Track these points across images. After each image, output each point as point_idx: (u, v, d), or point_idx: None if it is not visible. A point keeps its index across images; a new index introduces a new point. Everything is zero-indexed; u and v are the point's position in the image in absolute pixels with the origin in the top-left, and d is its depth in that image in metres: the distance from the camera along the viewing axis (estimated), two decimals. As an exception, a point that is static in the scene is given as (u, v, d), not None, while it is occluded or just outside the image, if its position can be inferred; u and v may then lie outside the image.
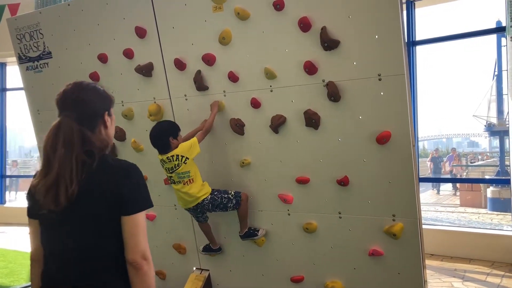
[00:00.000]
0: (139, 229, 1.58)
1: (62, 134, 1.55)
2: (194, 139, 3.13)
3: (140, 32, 3.45)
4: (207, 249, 3.58)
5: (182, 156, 3.07)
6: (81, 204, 1.54)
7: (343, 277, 3.15)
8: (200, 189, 3.19)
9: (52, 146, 1.54)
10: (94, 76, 3.79)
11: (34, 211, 1.64)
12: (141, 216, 1.59)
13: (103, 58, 3.70)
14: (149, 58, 3.49)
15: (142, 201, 1.62)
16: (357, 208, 2.98)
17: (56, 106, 1.65)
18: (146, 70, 3.50)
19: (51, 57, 4.01)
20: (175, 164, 3.09)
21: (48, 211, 1.52)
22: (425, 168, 16.23)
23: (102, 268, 1.58)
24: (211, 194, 3.22)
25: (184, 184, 3.14)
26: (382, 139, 2.76)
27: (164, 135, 3.12)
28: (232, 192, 3.27)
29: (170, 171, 3.12)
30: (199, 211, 3.29)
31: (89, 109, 1.64)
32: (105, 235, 1.58)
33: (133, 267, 1.57)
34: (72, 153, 1.54)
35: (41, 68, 4.09)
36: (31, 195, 1.64)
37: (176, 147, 3.10)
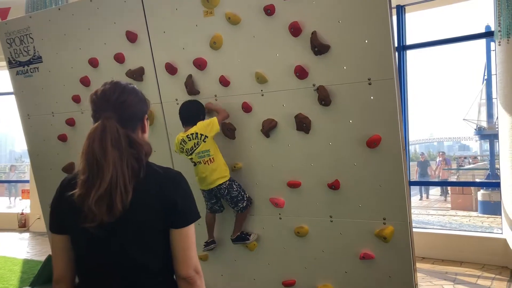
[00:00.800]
0: (190, 242, 1.48)
1: (109, 135, 1.41)
2: (214, 118, 3.15)
3: (131, 37, 3.45)
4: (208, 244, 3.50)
5: (202, 135, 3.09)
6: (130, 216, 1.41)
7: (334, 280, 3.16)
8: (223, 169, 3.18)
9: (102, 149, 1.39)
10: (85, 81, 3.78)
11: (65, 225, 1.49)
12: (192, 229, 1.50)
13: (94, 63, 3.70)
14: (140, 62, 3.49)
15: (193, 213, 1.52)
16: (348, 211, 2.99)
17: (92, 106, 1.51)
18: (137, 75, 3.50)
19: (42, 62, 3.99)
20: (194, 143, 3.11)
21: (98, 223, 1.38)
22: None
23: (150, 284, 1.48)
24: (229, 180, 3.21)
25: (205, 163, 3.13)
26: (373, 143, 2.78)
27: (199, 114, 3.20)
28: (247, 195, 3.28)
29: (190, 152, 3.14)
30: (214, 195, 3.27)
31: (130, 111, 1.51)
32: (153, 249, 1.47)
33: (187, 282, 1.47)
34: (123, 157, 1.41)
35: (31, 72, 4.08)
36: (64, 207, 1.49)
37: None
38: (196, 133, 3.11)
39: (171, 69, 3.35)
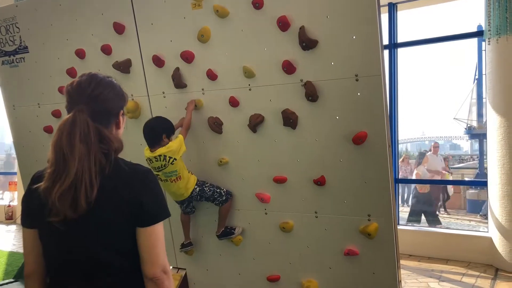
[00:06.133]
0: (158, 241, 1.45)
1: (78, 129, 1.38)
2: (181, 137, 3.11)
3: (119, 28, 3.40)
4: (185, 246, 3.53)
5: (170, 157, 3.04)
6: (95, 213, 1.38)
7: (318, 276, 3.16)
8: (187, 182, 3.17)
9: (69, 143, 1.37)
10: (72, 72, 3.73)
11: (34, 220, 1.48)
12: (160, 227, 1.47)
13: (80, 54, 3.65)
14: (127, 54, 3.45)
15: (161, 211, 1.49)
16: (333, 207, 2.99)
17: (67, 97, 1.47)
18: (124, 67, 3.46)
19: (28, 52, 3.94)
20: (162, 164, 3.06)
21: (62, 219, 1.36)
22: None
23: (115, 282, 1.45)
24: (198, 185, 3.21)
25: (171, 182, 3.12)
26: (359, 140, 2.77)
27: (160, 132, 3.08)
28: (224, 190, 3.28)
29: (157, 170, 3.08)
30: (187, 203, 3.30)
31: (104, 106, 1.48)
32: (118, 247, 1.44)
33: (153, 282, 1.43)
34: (90, 152, 1.38)
35: (17, 62, 4.02)
36: (32, 201, 1.47)
37: (165, 145, 3.06)
38: (165, 156, 3.03)
39: (158, 62, 3.32)
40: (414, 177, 9.33)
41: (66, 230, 1.39)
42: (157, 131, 3.09)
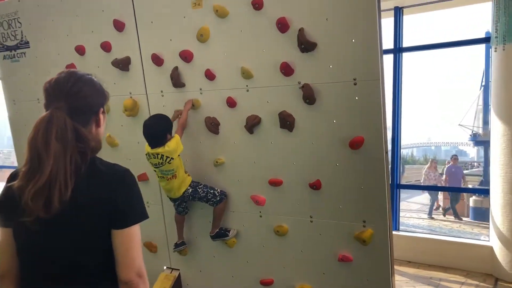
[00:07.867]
0: (134, 244, 1.40)
1: (55, 127, 1.34)
2: (177, 137, 3.11)
3: (119, 25, 3.39)
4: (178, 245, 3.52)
5: (167, 157, 3.05)
6: (68, 213, 1.34)
7: (312, 281, 3.12)
8: (181, 182, 3.16)
9: (44, 141, 1.33)
10: (72, 68, 3.72)
11: (8, 219, 1.44)
12: (136, 229, 1.41)
13: (80, 50, 3.64)
14: (127, 52, 3.43)
15: (138, 213, 1.44)
16: (329, 212, 2.95)
17: (45, 95, 1.44)
18: (123, 64, 3.44)
19: (29, 47, 3.93)
20: (159, 162, 3.07)
21: (34, 219, 1.32)
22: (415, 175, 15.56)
23: (89, 283, 1.41)
24: (192, 187, 3.20)
25: (167, 180, 3.12)
26: (355, 144, 2.74)
27: (163, 133, 3.07)
28: (219, 190, 3.26)
29: (155, 166, 3.12)
30: (179, 202, 3.30)
31: (83, 103, 1.44)
32: (92, 249, 1.40)
33: (128, 286, 1.39)
34: (66, 151, 1.34)
35: (18, 57, 4.02)
36: (7, 200, 1.42)
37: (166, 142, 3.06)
38: (162, 155, 3.04)
39: (157, 60, 3.30)
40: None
41: (39, 230, 1.35)
42: (160, 132, 3.07)
